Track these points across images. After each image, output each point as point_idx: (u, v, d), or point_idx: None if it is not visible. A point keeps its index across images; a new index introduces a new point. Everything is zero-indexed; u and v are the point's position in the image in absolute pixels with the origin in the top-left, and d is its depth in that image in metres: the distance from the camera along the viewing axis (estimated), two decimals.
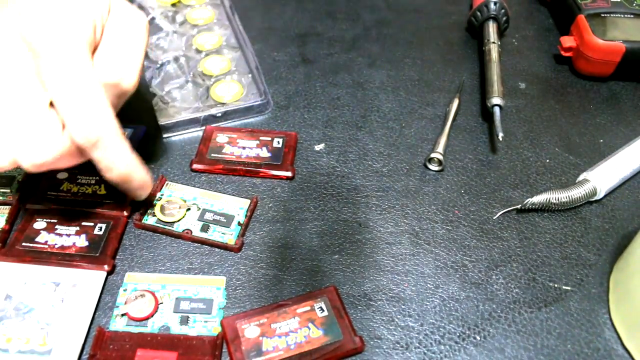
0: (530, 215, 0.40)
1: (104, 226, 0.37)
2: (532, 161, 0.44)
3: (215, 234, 0.38)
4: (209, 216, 0.39)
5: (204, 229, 0.38)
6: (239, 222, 0.39)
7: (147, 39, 0.37)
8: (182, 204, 0.39)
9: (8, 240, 0.37)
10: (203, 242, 0.38)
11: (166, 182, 0.41)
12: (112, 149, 0.32)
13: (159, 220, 0.38)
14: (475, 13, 0.54)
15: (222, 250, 0.37)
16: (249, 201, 0.40)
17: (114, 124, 0.33)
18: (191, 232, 0.38)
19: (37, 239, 0.36)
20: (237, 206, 0.40)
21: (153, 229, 0.38)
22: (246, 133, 0.44)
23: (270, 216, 0.40)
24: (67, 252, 0.36)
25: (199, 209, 0.39)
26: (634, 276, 0.33)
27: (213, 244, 0.38)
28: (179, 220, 0.39)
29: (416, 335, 0.34)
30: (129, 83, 0.34)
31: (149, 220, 0.39)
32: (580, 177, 0.41)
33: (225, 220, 0.39)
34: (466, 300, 0.35)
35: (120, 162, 0.33)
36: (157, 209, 0.39)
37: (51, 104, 0.31)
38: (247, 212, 0.39)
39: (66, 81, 0.31)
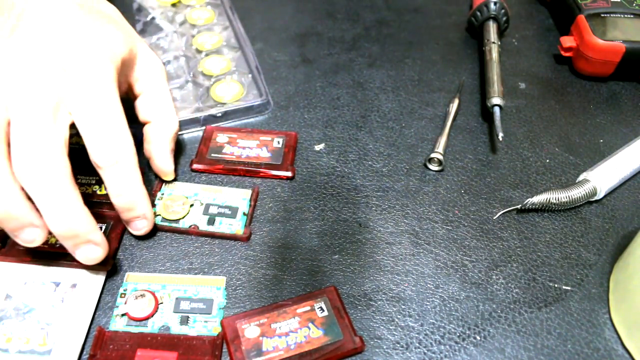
0: (530, 215, 0.40)
1: (104, 226, 0.37)
2: (532, 161, 0.44)
3: (223, 225, 0.38)
4: (213, 209, 0.39)
5: (211, 222, 0.38)
6: (244, 212, 0.39)
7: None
8: (185, 200, 0.39)
9: (8, 240, 0.37)
10: (212, 235, 0.38)
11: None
12: (126, 174, 0.34)
13: (164, 219, 0.38)
14: (475, 13, 0.54)
15: (222, 250, 0.37)
16: (250, 191, 0.40)
17: (133, 151, 0.34)
18: (198, 227, 0.38)
19: None
20: (240, 197, 0.40)
21: (158, 228, 0.38)
22: (246, 133, 0.44)
23: (270, 216, 0.40)
24: (67, 252, 0.36)
25: (202, 204, 0.39)
26: (634, 276, 0.33)
27: (222, 236, 0.38)
28: (183, 217, 0.38)
29: (416, 335, 0.34)
30: (175, 124, 0.40)
31: None
32: (580, 177, 0.41)
33: (230, 212, 0.39)
34: (466, 300, 0.35)
35: (130, 188, 0.34)
36: (160, 208, 0.39)
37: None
38: (250, 201, 0.39)
39: (94, 99, 0.33)
